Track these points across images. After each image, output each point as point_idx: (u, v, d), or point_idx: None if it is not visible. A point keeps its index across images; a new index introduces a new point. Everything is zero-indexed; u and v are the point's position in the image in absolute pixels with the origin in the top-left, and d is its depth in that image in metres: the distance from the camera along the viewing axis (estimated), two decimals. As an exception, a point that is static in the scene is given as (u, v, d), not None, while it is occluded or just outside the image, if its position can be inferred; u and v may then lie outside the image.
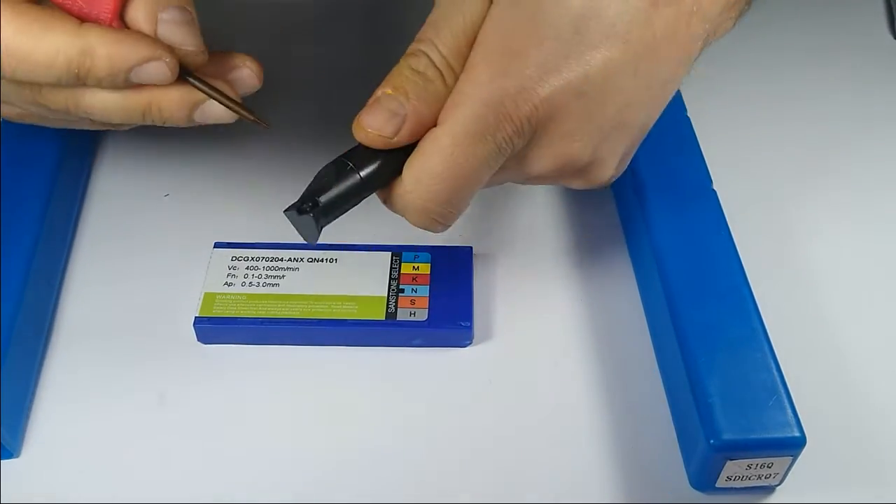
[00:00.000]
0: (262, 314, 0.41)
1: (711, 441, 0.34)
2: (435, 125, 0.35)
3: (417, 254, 0.43)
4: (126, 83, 0.33)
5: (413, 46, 0.35)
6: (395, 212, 0.36)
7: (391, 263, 0.43)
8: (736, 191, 0.44)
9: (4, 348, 0.37)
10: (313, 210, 0.34)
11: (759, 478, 0.35)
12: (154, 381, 0.40)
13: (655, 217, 0.42)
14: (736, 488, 0.36)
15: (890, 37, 0.58)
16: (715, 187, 0.43)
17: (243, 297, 0.41)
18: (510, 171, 0.37)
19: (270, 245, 0.43)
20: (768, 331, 0.37)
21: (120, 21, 0.33)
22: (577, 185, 0.39)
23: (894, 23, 0.58)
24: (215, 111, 0.35)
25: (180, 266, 0.44)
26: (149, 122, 0.35)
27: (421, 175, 0.34)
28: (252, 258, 0.43)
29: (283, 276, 0.42)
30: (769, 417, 0.34)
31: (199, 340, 0.41)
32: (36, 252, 0.41)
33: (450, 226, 0.37)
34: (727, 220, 0.41)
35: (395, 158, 0.35)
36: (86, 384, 0.39)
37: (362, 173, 0.34)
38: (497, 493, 0.37)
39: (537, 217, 0.47)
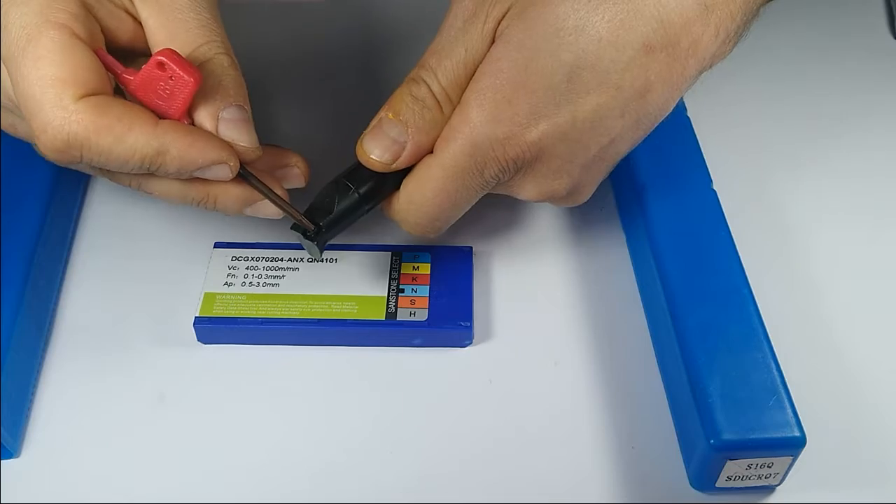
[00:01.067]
0: (262, 314, 0.41)
1: (711, 441, 0.34)
2: (431, 150, 0.37)
3: (417, 254, 0.43)
4: (190, 177, 0.35)
5: (415, 72, 0.37)
6: (391, 219, 0.40)
7: (391, 263, 0.43)
8: (736, 191, 0.44)
9: (4, 348, 0.37)
10: (317, 237, 0.37)
11: (759, 478, 0.35)
12: (154, 381, 0.40)
13: (655, 217, 0.42)
14: (736, 488, 0.36)
15: (890, 37, 0.58)
16: (715, 187, 0.43)
17: (243, 297, 0.41)
18: (497, 191, 0.39)
19: (270, 245, 0.43)
20: (768, 331, 0.37)
21: (188, 117, 0.35)
22: (557, 205, 0.41)
23: (894, 23, 0.58)
24: (266, 210, 0.38)
25: (180, 266, 0.44)
26: (201, 209, 0.37)
27: (414, 197, 0.38)
28: (252, 258, 0.43)
29: (283, 276, 0.42)
30: (769, 417, 0.34)
31: (199, 340, 0.41)
32: (36, 252, 0.41)
33: (439, 234, 0.40)
34: (727, 219, 0.41)
35: (392, 179, 0.38)
36: (86, 384, 0.39)
37: (361, 191, 0.38)
38: (497, 493, 0.37)
39: (537, 216, 0.47)
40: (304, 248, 0.38)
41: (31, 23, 0.33)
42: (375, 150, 0.37)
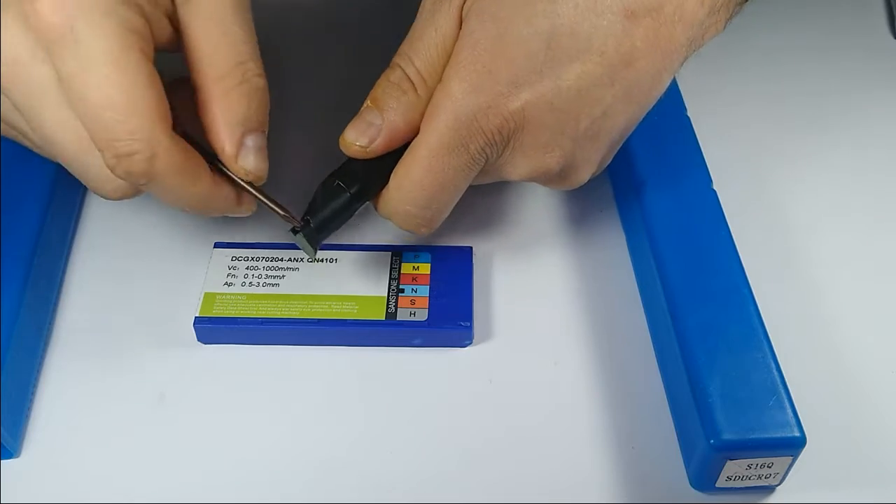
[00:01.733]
0: (262, 314, 0.41)
1: (711, 441, 0.34)
2: (412, 133, 0.37)
3: (417, 254, 0.43)
4: None
5: (392, 60, 0.37)
6: (383, 216, 0.39)
7: (391, 263, 0.43)
8: (736, 191, 0.44)
9: (4, 348, 0.37)
10: (304, 229, 0.37)
11: (759, 478, 0.35)
12: (154, 381, 0.40)
13: (655, 217, 0.42)
14: (736, 488, 0.36)
15: (890, 37, 0.58)
16: (715, 187, 0.43)
17: (243, 297, 0.41)
18: (490, 175, 0.39)
19: (270, 245, 0.43)
20: (768, 331, 0.37)
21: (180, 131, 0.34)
22: (554, 187, 0.40)
23: (894, 23, 0.58)
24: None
25: (180, 266, 0.44)
26: None
27: (402, 182, 0.37)
28: (252, 258, 0.43)
29: (283, 276, 0.42)
30: (769, 417, 0.34)
31: (199, 340, 0.41)
32: (36, 252, 0.41)
33: (433, 229, 0.39)
34: (727, 219, 0.41)
35: (380, 171, 0.38)
36: (86, 384, 0.39)
37: (352, 190, 0.37)
38: (497, 493, 0.37)
39: (537, 217, 0.47)
40: (302, 250, 0.38)
41: (106, 24, 0.31)
42: (352, 135, 0.37)
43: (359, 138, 0.37)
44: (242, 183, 0.36)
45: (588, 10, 0.34)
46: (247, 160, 0.35)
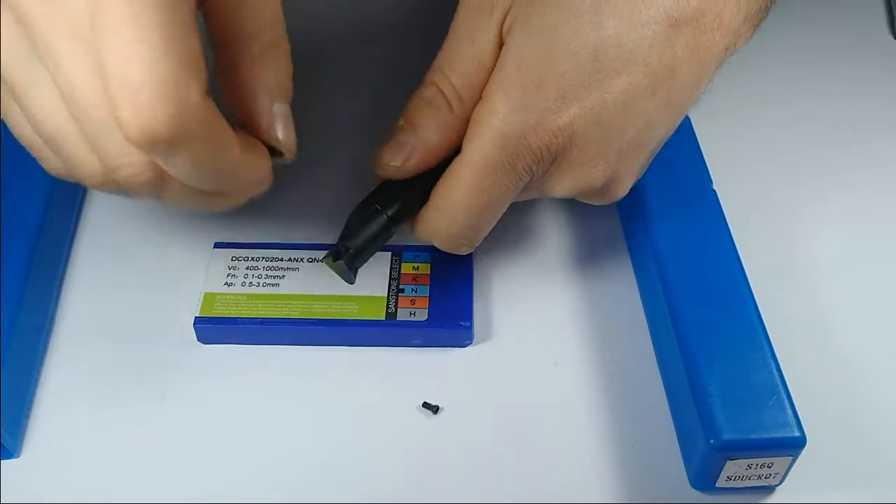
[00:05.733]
0: (262, 314, 0.41)
1: (711, 441, 0.34)
2: (446, 151, 0.36)
3: (418, 254, 0.43)
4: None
5: (426, 76, 0.36)
6: (421, 238, 0.38)
7: (391, 263, 0.43)
8: (736, 191, 0.44)
9: (4, 348, 0.37)
10: (345, 256, 0.36)
11: (759, 478, 0.35)
12: (154, 381, 0.40)
13: (655, 217, 0.42)
14: (736, 488, 0.36)
15: (890, 37, 0.58)
16: (715, 187, 0.43)
17: (243, 297, 0.41)
18: (532, 192, 0.38)
19: (270, 245, 0.43)
20: (768, 331, 0.37)
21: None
22: (595, 202, 0.39)
23: (894, 23, 0.58)
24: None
25: (180, 266, 0.44)
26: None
27: (445, 203, 0.36)
28: (252, 258, 0.43)
29: (283, 276, 0.42)
30: (769, 417, 0.34)
31: (199, 340, 0.41)
32: (36, 252, 0.41)
33: (475, 248, 0.39)
34: (727, 220, 0.41)
35: (417, 192, 0.37)
36: (86, 384, 0.39)
37: (389, 212, 0.37)
38: (497, 493, 0.37)
39: (538, 217, 0.47)
40: (304, 248, 0.38)
41: None
42: (386, 156, 0.36)
43: (392, 158, 0.36)
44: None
45: (633, 20, 0.34)
46: (278, 130, 0.32)
